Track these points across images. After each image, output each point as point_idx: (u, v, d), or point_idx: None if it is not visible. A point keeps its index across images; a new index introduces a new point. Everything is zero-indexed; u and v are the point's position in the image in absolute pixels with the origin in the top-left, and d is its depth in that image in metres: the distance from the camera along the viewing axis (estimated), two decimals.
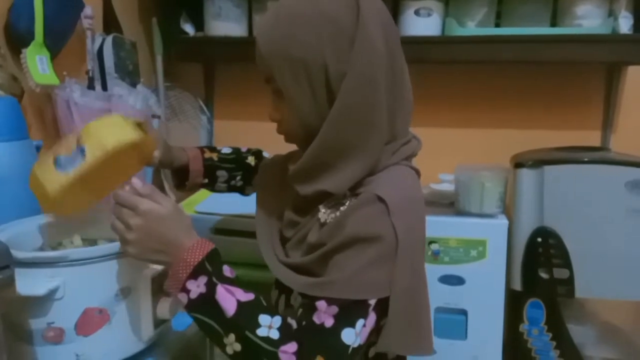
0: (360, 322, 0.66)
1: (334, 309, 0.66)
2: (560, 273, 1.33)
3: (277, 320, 0.66)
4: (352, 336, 0.65)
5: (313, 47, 0.69)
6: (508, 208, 1.47)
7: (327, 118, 0.70)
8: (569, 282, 1.33)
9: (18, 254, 0.70)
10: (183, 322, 0.97)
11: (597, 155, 1.39)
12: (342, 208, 0.72)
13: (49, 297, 0.71)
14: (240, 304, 0.65)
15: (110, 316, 0.76)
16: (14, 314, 0.72)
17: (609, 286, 1.32)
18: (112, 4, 1.42)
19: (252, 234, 1.37)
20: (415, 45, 1.47)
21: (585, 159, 1.34)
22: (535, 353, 1.40)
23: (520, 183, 1.37)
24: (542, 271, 1.35)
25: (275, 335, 0.64)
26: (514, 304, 1.40)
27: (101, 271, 0.74)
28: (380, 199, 0.68)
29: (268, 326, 0.65)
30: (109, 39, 1.33)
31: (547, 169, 1.33)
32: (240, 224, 1.39)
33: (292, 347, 0.64)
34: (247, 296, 0.67)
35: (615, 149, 1.56)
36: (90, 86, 1.28)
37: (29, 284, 0.69)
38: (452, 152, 1.62)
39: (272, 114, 0.84)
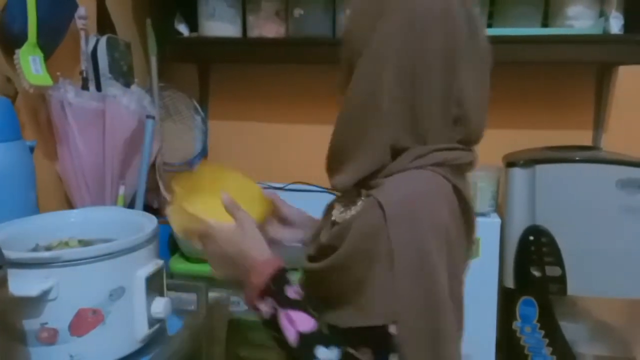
0: (393, 358, 0.60)
1: (366, 350, 0.63)
2: (553, 271, 1.34)
3: (335, 354, 0.63)
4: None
5: (350, 24, 0.73)
6: (500, 207, 1.48)
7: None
8: (561, 280, 1.34)
9: (11, 254, 0.70)
10: (178, 322, 0.97)
11: (589, 154, 1.40)
12: (353, 209, 0.70)
13: (42, 298, 0.71)
14: (300, 336, 0.64)
15: (104, 316, 0.76)
16: (8, 315, 0.72)
17: (601, 284, 1.33)
18: (106, 5, 1.42)
19: None
20: None
21: (577, 158, 1.35)
22: (528, 350, 1.41)
23: (512, 182, 1.38)
24: (534, 269, 1.36)
25: None
26: (506, 301, 1.41)
27: (94, 272, 0.75)
28: (380, 205, 0.62)
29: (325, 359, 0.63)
30: (103, 40, 1.33)
31: (539, 168, 1.34)
32: None
33: None
34: (308, 325, 0.65)
35: (607, 148, 1.57)
36: (84, 87, 1.29)
37: (22, 284, 0.69)
38: None
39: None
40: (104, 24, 1.41)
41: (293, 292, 0.68)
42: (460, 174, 0.70)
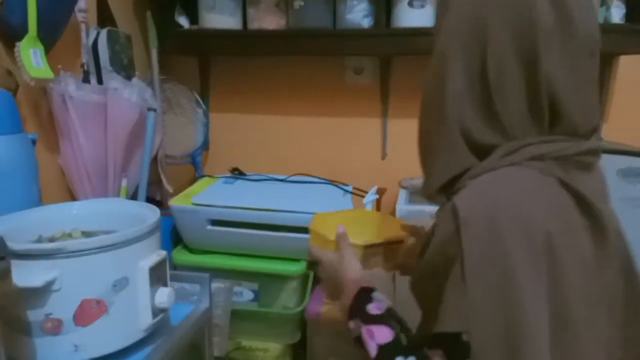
0: None
1: (438, 351, 0.61)
2: None
3: None
4: None
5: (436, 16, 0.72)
6: None
7: None
8: None
9: (15, 245, 0.71)
10: (181, 312, 0.98)
11: None
12: (438, 215, 0.66)
13: (46, 289, 0.71)
14: (379, 348, 0.66)
15: (108, 307, 0.76)
16: (12, 306, 0.73)
17: None
18: None
19: (248, 225, 1.40)
20: (408, 37, 1.48)
21: None
22: None
23: None
24: None
25: None
26: None
27: (98, 262, 0.75)
28: (455, 209, 0.58)
29: None
30: (104, 33, 1.33)
31: None
32: (236, 215, 1.40)
33: None
34: (386, 337, 0.66)
35: (607, 137, 1.57)
36: (86, 80, 1.29)
37: (26, 275, 0.69)
38: None
39: None
40: (104, 16, 1.41)
41: (375, 308, 0.70)
42: (574, 167, 0.61)
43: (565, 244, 0.56)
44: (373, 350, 0.66)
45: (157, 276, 0.83)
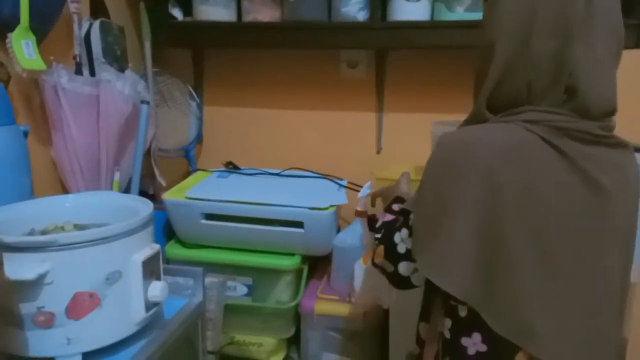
0: (403, 230, 0.82)
1: (400, 218, 0.86)
2: None
3: (404, 232, 0.82)
4: (398, 237, 0.83)
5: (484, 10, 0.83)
6: None
7: None
8: None
9: (7, 238, 0.70)
10: (174, 306, 0.98)
11: None
12: None
13: (38, 282, 0.71)
14: (382, 222, 0.90)
15: (100, 300, 0.76)
16: (4, 299, 0.73)
17: None
18: None
19: (241, 219, 1.40)
20: (403, 30, 1.48)
21: None
22: None
23: None
24: None
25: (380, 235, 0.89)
26: None
27: (90, 255, 0.75)
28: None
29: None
30: (96, 24, 1.32)
31: None
32: (230, 209, 1.40)
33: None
34: (390, 218, 0.90)
35: None
36: (78, 71, 1.28)
37: (18, 268, 0.69)
38: None
39: None
40: (97, 7, 1.39)
41: (396, 206, 0.92)
42: (566, 136, 0.71)
43: (516, 184, 0.69)
44: (378, 224, 0.91)
45: (151, 270, 0.83)
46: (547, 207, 0.69)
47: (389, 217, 0.91)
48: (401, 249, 0.82)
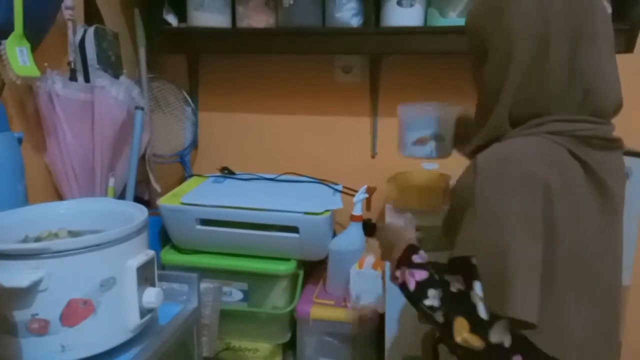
0: (476, 284, 0.72)
1: (459, 277, 0.76)
2: None
3: (439, 291, 0.78)
4: (475, 297, 0.72)
5: (478, 20, 0.82)
6: None
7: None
8: None
9: (0, 245, 0.70)
10: (170, 312, 0.97)
11: None
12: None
13: (32, 289, 0.71)
14: (417, 283, 0.80)
15: (95, 307, 0.76)
16: None
17: None
18: None
19: (235, 224, 1.40)
20: (397, 36, 1.48)
21: None
22: None
23: None
24: None
25: (436, 303, 0.77)
26: None
27: (85, 262, 0.74)
28: (475, 163, 0.75)
29: (433, 296, 0.78)
30: (91, 30, 1.32)
31: None
32: (225, 215, 1.40)
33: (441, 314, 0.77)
34: (423, 275, 0.80)
35: None
36: (72, 78, 1.28)
37: (12, 275, 0.69)
38: None
39: None
40: (92, 14, 1.40)
41: (418, 258, 0.84)
42: (587, 145, 0.74)
43: (564, 199, 0.70)
44: (412, 285, 0.81)
45: (145, 276, 0.83)
46: (580, 220, 0.72)
47: (422, 273, 0.80)
48: (482, 313, 0.71)
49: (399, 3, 1.46)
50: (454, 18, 1.49)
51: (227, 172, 1.72)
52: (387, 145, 1.71)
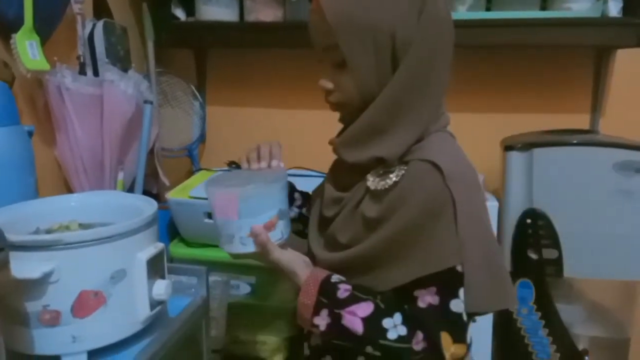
0: (461, 291, 0.70)
1: (433, 289, 0.70)
2: (549, 253, 1.35)
3: (398, 317, 0.71)
4: (460, 305, 0.70)
5: (382, 15, 0.72)
6: (498, 190, 1.49)
7: (387, 84, 0.74)
8: (558, 262, 1.35)
9: (12, 237, 0.70)
10: (178, 304, 0.98)
11: (586, 138, 1.41)
12: (391, 176, 0.75)
13: (44, 280, 0.71)
14: (364, 321, 0.70)
15: (106, 298, 0.76)
16: (9, 297, 0.73)
17: (596, 266, 1.34)
18: None
19: None
20: None
21: (574, 141, 1.35)
22: (524, 332, 1.42)
23: (510, 165, 1.39)
24: (531, 252, 1.37)
25: (403, 331, 0.70)
26: None
27: (96, 254, 0.75)
28: (435, 166, 0.71)
29: (393, 326, 0.70)
30: (100, 24, 1.33)
31: (537, 151, 1.35)
32: None
33: (419, 335, 0.70)
34: (367, 308, 0.71)
35: (604, 131, 1.57)
36: (82, 72, 1.28)
37: (23, 267, 0.69)
38: None
39: (324, 82, 0.86)
40: (100, 8, 1.40)
41: (344, 291, 0.73)
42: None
43: (478, 187, 0.78)
44: (359, 326, 0.70)
45: (155, 268, 0.83)
46: None
47: (363, 306, 0.71)
48: (465, 318, 0.71)
49: None
50: (464, 12, 1.49)
51: (234, 166, 1.72)
52: None
